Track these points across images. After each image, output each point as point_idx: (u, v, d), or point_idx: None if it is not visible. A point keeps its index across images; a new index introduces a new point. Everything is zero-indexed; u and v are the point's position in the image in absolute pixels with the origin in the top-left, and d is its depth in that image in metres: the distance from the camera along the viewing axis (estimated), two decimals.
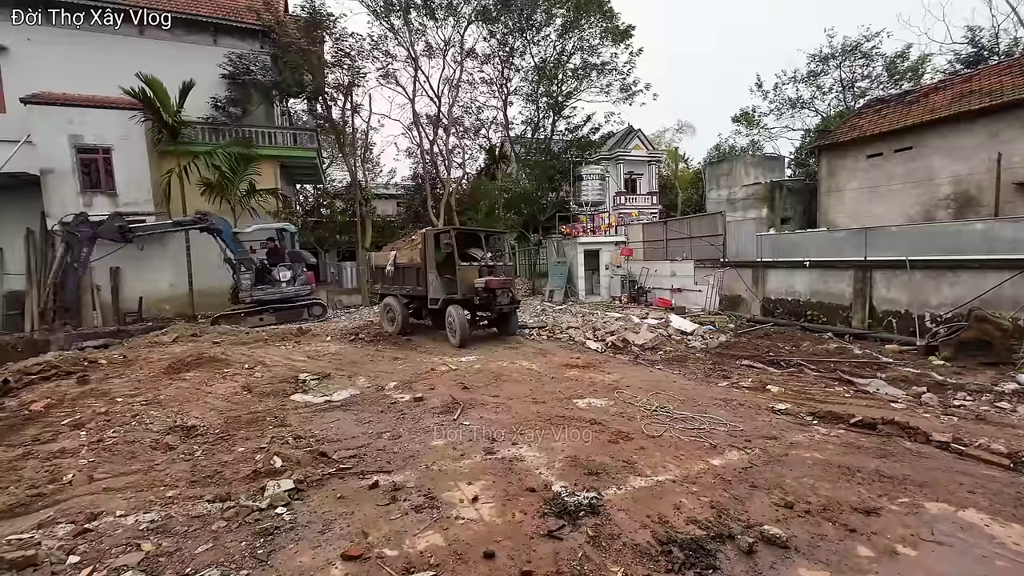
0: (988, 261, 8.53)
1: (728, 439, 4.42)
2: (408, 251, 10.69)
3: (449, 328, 9.58)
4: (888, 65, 22.21)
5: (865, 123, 15.37)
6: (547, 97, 23.42)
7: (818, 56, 23.56)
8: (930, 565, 2.60)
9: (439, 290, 9.78)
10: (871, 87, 22.49)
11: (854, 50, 22.47)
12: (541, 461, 4.00)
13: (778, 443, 4.31)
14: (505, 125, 25.34)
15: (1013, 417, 4.95)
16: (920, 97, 14.81)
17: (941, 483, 3.49)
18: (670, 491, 3.46)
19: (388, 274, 11.07)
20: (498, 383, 6.64)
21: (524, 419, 5.06)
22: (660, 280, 16.61)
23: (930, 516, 3.08)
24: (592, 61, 23.10)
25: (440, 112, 22.45)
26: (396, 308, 10.74)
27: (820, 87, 24.47)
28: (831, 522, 3.01)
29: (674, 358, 8.40)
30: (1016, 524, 2.95)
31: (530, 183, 22.44)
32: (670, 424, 4.81)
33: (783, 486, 3.49)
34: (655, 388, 6.22)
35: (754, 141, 29.78)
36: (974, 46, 19.82)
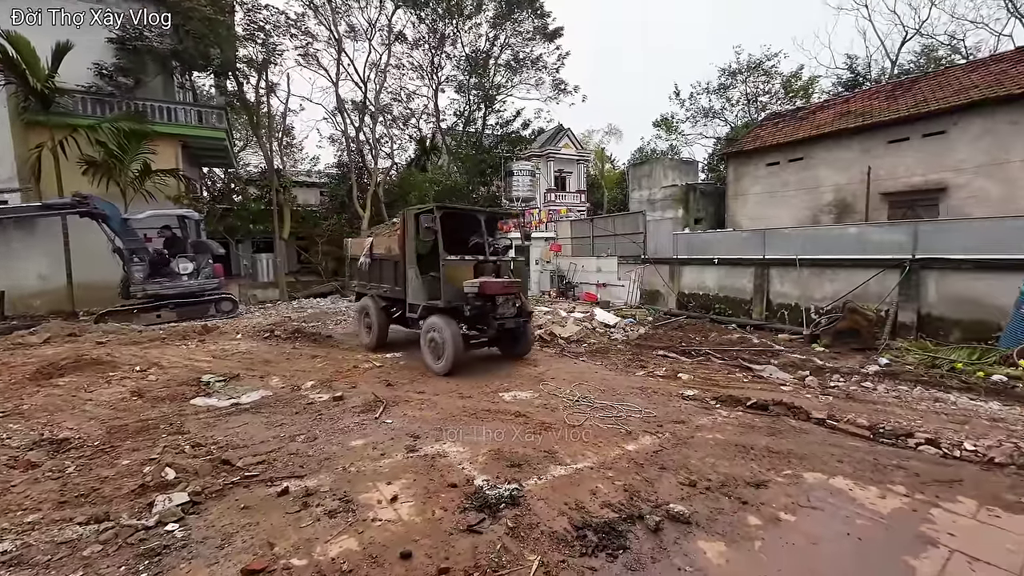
0: (859, 260, 9.81)
1: (642, 425, 4.69)
2: (386, 238, 8.13)
3: (430, 348, 6.74)
4: (784, 83, 24.77)
5: (765, 134, 17.00)
6: (478, 89, 23.29)
7: (727, 71, 25.68)
8: (806, 528, 2.94)
9: (418, 293, 7.03)
10: (771, 102, 24.96)
11: (757, 67, 24.78)
12: (464, 456, 3.98)
13: (686, 427, 4.65)
14: (436, 115, 24.86)
15: (874, 395, 5.75)
16: (809, 114, 16.66)
17: (817, 455, 3.96)
18: (588, 477, 3.60)
19: (363, 267, 8.60)
20: (424, 379, 6.52)
21: (449, 415, 5.01)
22: (587, 275, 17.22)
23: (808, 485, 3.48)
24: (523, 56, 23.34)
25: (367, 98, 21.49)
26: (373, 313, 8.24)
27: (729, 99, 26.71)
28: (727, 496, 3.30)
29: (597, 350, 8.76)
30: (873, 487, 3.43)
31: (462, 177, 22.23)
32: (591, 413, 5.01)
33: (688, 466, 3.77)
34: (579, 379, 6.44)
35: (673, 146, 31.85)
36: (852, 72, 22.71)
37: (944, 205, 12.11)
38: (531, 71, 23.67)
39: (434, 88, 24.26)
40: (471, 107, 24.60)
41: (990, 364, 6.65)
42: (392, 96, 24.46)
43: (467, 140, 24.81)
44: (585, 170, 36.19)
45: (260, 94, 18.30)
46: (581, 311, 12.70)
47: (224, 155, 19.28)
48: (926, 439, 4.25)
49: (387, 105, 23.94)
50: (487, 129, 24.98)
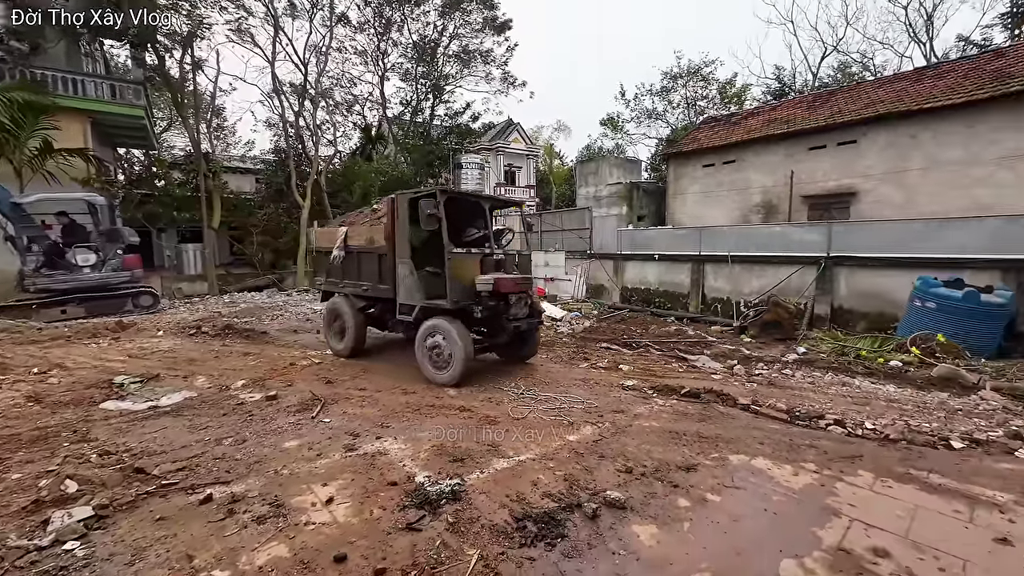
0: (783, 257, 10.62)
1: (584, 416, 4.81)
2: (366, 228, 6.82)
3: (431, 355, 5.82)
4: (720, 89, 26.23)
5: (702, 137, 17.92)
6: (426, 79, 22.79)
7: (669, 74, 26.79)
8: (729, 507, 3.14)
9: (414, 292, 6.00)
10: (708, 106, 26.34)
11: (696, 73, 26.05)
12: (406, 453, 3.90)
13: (624, 416, 4.82)
14: (382, 103, 24.07)
15: (792, 381, 6.26)
16: (741, 119, 17.74)
17: (742, 438, 4.25)
18: (530, 469, 3.64)
19: (336, 262, 7.12)
20: (367, 375, 6.32)
21: (392, 411, 4.89)
22: (536, 270, 17.39)
23: (732, 466, 3.72)
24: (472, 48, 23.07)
25: (307, 81, 20.38)
26: (347, 315, 7.00)
27: (670, 102, 27.92)
28: (660, 481, 3.46)
29: (544, 343, 8.88)
30: (788, 465, 3.72)
31: (409, 168, 21.70)
32: (535, 406, 5.07)
33: (626, 454, 3.92)
34: (524, 372, 6.50)
35: (618, 145, 32.87)
36: (779, 82, 24.43)
37: (855, 208, 13.36)
38: (480, 64, 23.46)
39: (380, 75, 23.46)
40: (419, 96, 24.04)
41: (889, 351, 7.43)
42: (334, 81, 23.40)
43: (415, 130, 24.23)
44: (535, 165, 36.50)
45: (185, 70, 16.83)
46: None
47: (143, 135, 17.60)
48: (834, 420, 4.69)
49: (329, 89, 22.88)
50: (436, 120, 24.51)
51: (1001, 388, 5.68)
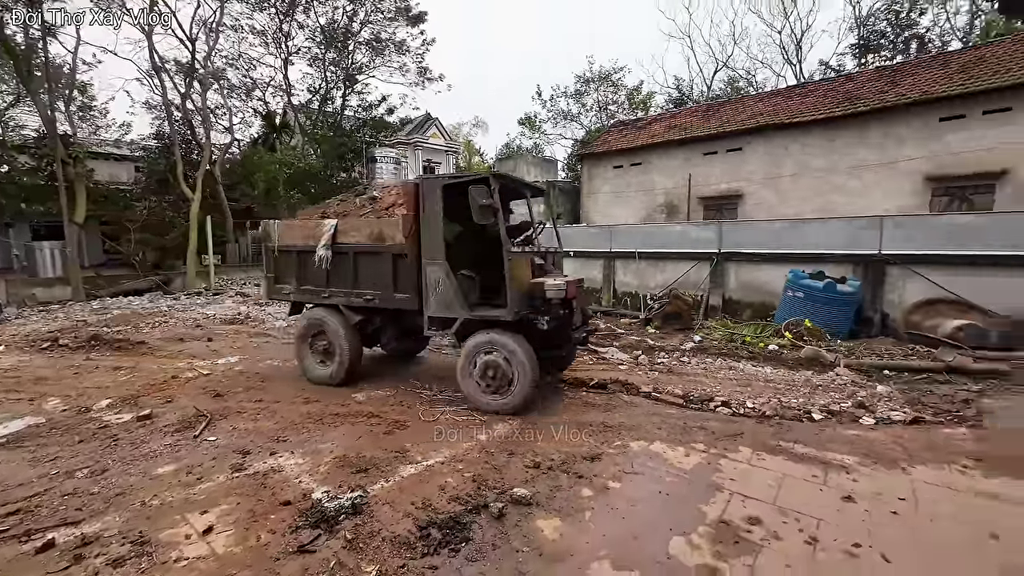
0: (683, 254, 11.51)
1: (498, 415, 4.81)
2: (370, 221, 5.32)
3: (487, 378, 4.81)
4: (628, 95, 27.82)
5: (612, 140, 18.89)
6: (336, 66, 21.53)
7: (582, 78, 27.89)
8: (628, 492, 3.31)
9: (455, 302, 4.91)
10: (618, 110, 27.82)
11: (606, 78, 27.38)
12: (304, 468, 3.62)
13: (535, 411, 4.90)
14: (286, 89, 22.31)
15: (688, 368, 6.80)
16: (647, 124, 18.96)
17: (642, 425, 4.51)
18: (438, 473, 3.55)
19: (321, 263, 5.52)
20: (264, 385, 5.79)
21: (290, 423, 4.52)
22: None
23: (633, 453, 3.93)
24: (386, 37, 22.19)
25: (195, 59, 18.25)
26: (338, 332, 5.58)
27: (584, 104, 29.08)
28: (566, 473, 3.56)
29: None
30: (680, 447, 4.02)
31: (318, 160, 20.36)
32: (448, 407, 4.98)
33: (535, 449, 3.97)
34: (438, 374, 6.37)
35: (536, 144, 33.57)
36: (679, 91, 26.48)
37: (741, 209, 14.87)
38: (395, 54, 22.65)
39: (283, 58, 21.70)
40: (328, 84, 22.63)
41: (768, 337, 8.37)
42: (229, 61, 21.23)
43: (325, 121, 22.79)
44: (454, 161, 36.10)
45: (32, 35, 14.23)
46: None
47: None
48: (721, 402, 5.16)
49: (222, 70, 20.71)
50: (348, 111, 23.25)
51: (851, 365, 6.64)
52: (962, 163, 11.15)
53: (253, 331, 9.39)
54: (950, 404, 5.13)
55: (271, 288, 6.19)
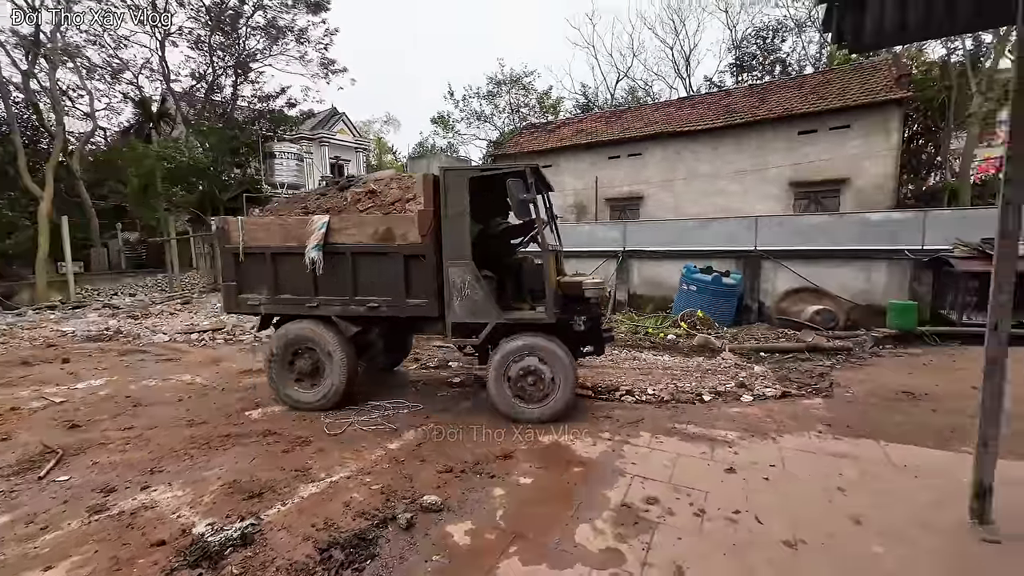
0: (593, 252, 12.09)
1: (409, 420, 4.67)
2: (374, 217, 4.70)
3: (523, 386, 4.52)
4: (539, 99, 28.66)
5: (524, 141, 19.32)
6: (226, 51, 19.54)
7: (494, 80, 28.19)
8: (539, 485, 3.38)
9: (485, 306, 4.53)
10: (529, 113, 28.53)
11: (517, 81, 27.96)
12: (184, 500, 3.21)
13: (449, 414, 4.84)
14: (164, 74, 19.79)
15: (597, 360, 7.14)
16: (556, 128, 19.67)
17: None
18: (343, 489, 3.35)
19: (314, 267, 4.73)
20: (136, 410, 5.06)
21: (169, 450, 4.00)
22: None
23: (543, 446, 4.03)
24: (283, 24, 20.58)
25: (40, 31, 15.47)
26: (328, 347, 4.85)
27: (497, 106, 29.42)
28: (478, 474, 3.54)
29: None
30: (588, 437, 4.19)
31: (206, 154, 18.33)
32: (356, 417, 4.73)
33: (447, 453, 3.91)
34: None
35: (451, 143, 33.31)
36: (585, 97, 27.83)
37: (643, 210, 16.01)
38: (294, 43, 21.08)
39: (160, 38, 19.19)
40: (216, 71, 20.44)
41: (667, 327, 9.10)
42: (90, 37, 18.31)
43: (213, 111, 20.58)
44: (365, 159, 34.59)
45: None
46: None
47: None
48: (626, 390, 5.49)
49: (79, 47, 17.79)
50: (241, 101, 21.21)
51: (735, 349, 7.44)
52: (816, 171, 13.02)
53: (125, 348, 8.20)
54: (809, 379, 5.95)
55: (231, 299, 5.08)
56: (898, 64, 13.52)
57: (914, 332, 7.83)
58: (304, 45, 21.13)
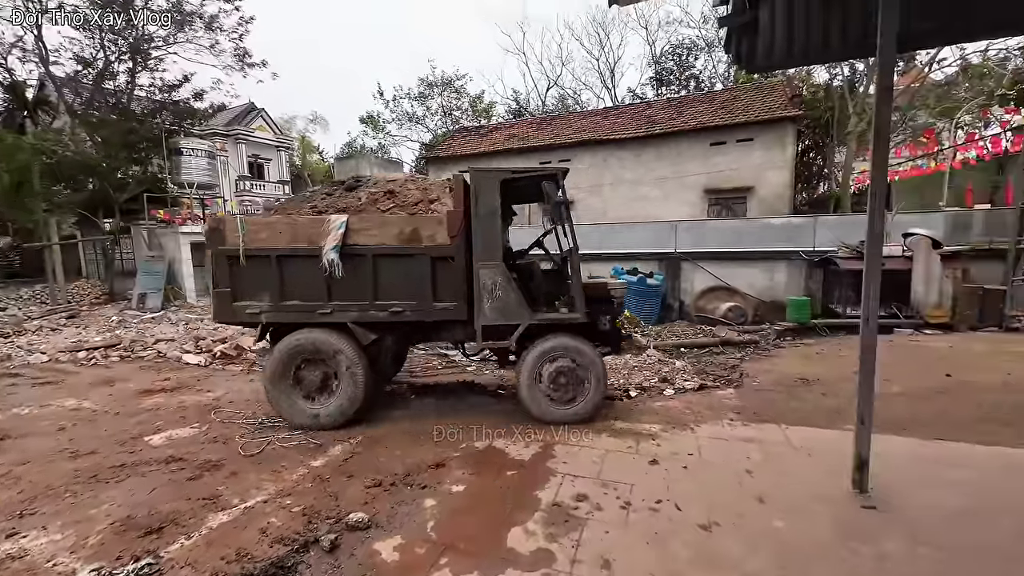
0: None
1: (336, 434, 4.43)
2: (397, 217, 4.53)
3: (556, 386, 4.52)
4: (471, 103, 28.68)
5: (456, 145, 19.24)
6: (119, 34, 17.52)
7: (425, 81, 27.80)
8: (471, 492, 3.35)
9: (517, 307, 4.47)
10: (462, 116, 28.46)
11: (449, 84, 27.79)
12: (64, 544, 2.80)
13: (381, 423, 4.67)
14: (42, 57, 17.33)
15: None
16: (488, 132, 19.80)
17: (486, 424, 4.62)
18: (259, 514, 3.10)
19: (331, 270, 4.37)
20: (7, 443, 4.36)
21: (45, 488, 3.47)
22: None
23: (477, 452, 4.01)
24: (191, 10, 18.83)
25: None
26: (342, 357, 4.51)
27: (429, 108, 29.02)
28: (409, 486, 3.44)
29: None
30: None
31: (98, 149, 16.29)
32: (275, 435, 4.41)
33: (376, 466, 3.76)
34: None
35: (381, 144, 32.33)
36: (517, 103, 28.28)
37: (574, 214, 16.53)
38: (203, 30, 19.37)
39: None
40: (108, 55, 18.23)
41: None
42: None
43: (104, 100, 18.32)
44: (288, 158, 32.63)
45: None
46: None
47: None
48: None
49: None
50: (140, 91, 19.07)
51: (659, 346, 7.89)
52: (726, 179, 14.20)
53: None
54: (723, 371, 6.45)
55: (225, 308, 4.55)
56: (791, 86, 15.15)
57: (808, 325, 8.78)
58: (215, 33, 19.48)
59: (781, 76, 16.15)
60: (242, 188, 27.89)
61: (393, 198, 4.84)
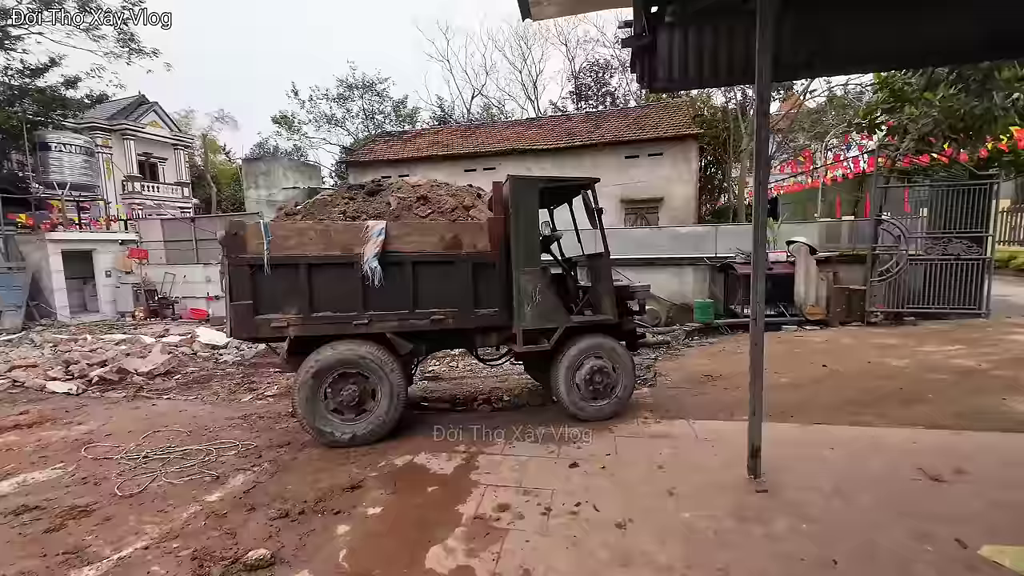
0: None
1: (236, 462, 4.03)
2: (436, 224, 4.54)
3: (593, 384, 4.70)
4: (395, 107, 28.02)
5: (378, 149, 18.65)
6: None
7: (345, 83, 26.70)
8: (388, 513, 3.19)
9: (555, 311, 4.63)
10: (385, 121, 27.69)
11: (371, 87, 26.93)
12: None
13: (290, 449, 4.32)
14: None
15: (455, 372, 7.16)
16: (413, 138, 19.44)
17: (413, 438, 4.46)
18: (137, 564, 2.71)
19: (371, 277, 4.17)
20: None
21: None
22: (192, 287, 14.20)
23: (397, 470, 3.83)
24: None
25: None
26: (383, 370, 4.32)
27: (349, 111, 27.87)
28: (320, 513, 3.20)
29: (195, 380, 7.16)
30: (444, 453, 4.12)
31: None
32: (162, 470, 3.90)
33: (284, 494, 3.46)
34: (154, 427, 4.97)
35: (298, 147, 30.45)
36: (442, 110, 28.10)
37: None
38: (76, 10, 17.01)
39: None
40: None
41: None
42: None
43: None
44: (187, 159, 29.61)
45: None
46: (179, 333, 10.21)
47: None
48: (483, 399, 5.58)
49: None
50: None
51: None
52: (640, 191, 15.16)
53: None
54: (639, 371, 6.80)
55: (246, 322, 4.12)
56: (694, 107, 16.60)
57: (713, 325, 9.58)
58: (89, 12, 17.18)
59: (686, 97, 17.64)
60: (131, 190, 24.84)
61: (428, 204, 4.81)
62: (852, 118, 16.40)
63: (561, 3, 3.73)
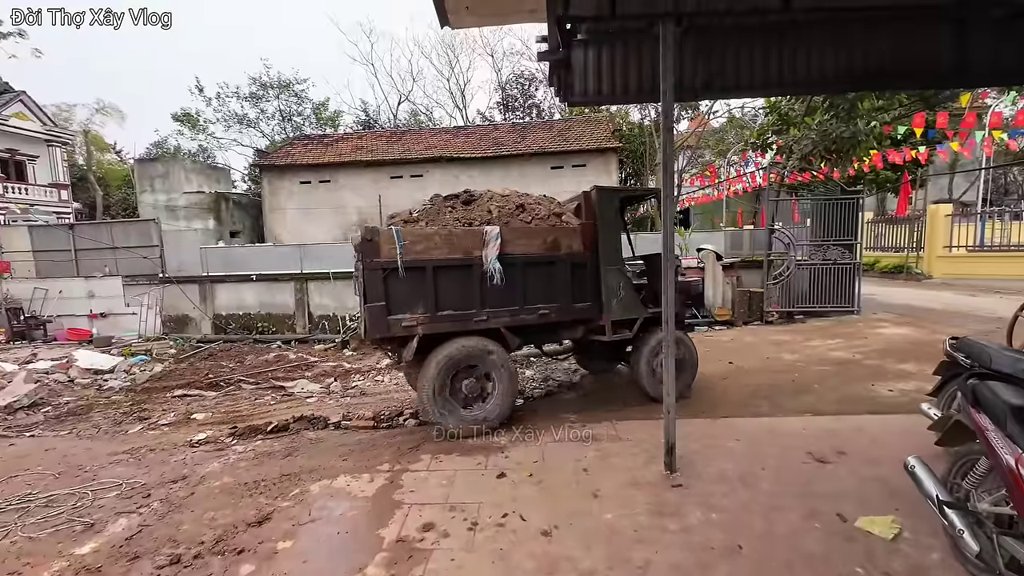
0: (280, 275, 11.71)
1: (117, 505, 3.52)
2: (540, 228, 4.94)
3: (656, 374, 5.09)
4: (315, 109, 26.68)
5: (297, 153, 17.61)
6: None
7: (258, 81, 24.96)
8: (301, 548, 2.94)
9: (635, 304, 5.23)
10: (304, 123, 26.25)
11: (288, 87, 25.43)
12: None
13: (185, 483, 3.85)
14: None
15: (381, 386, 6.88)
16: (335, 142, 18.59)
17: (327, 462, 4.18)
18: None
19: (494, 275, 4.50)
20: None
21: None
22: (71, 304, 12.42)
23: (312, 497, 3.56)
24: None
25: None
26: (495, 361, 4.68)
27: (264, 111, 26.08)
28: (220, 554, 2.87)
29: (71, 412, 6.20)
30: (365, 474, 3.91)
31: None
32: (17, 523, 3.30)
33: (177, 537, 3.07)
34: (9, 471, 4.21)
35: (203, 147, 27.89)
36: (366, 115, 27.22)
37: None
38: None
39: None
40: None
41: None
42: None
43: None
44: (65, 157, 25.96)
45: None
46: (52, 358, 8.84)
47: None
48: (411, 414, 5.38)
49: None
50: None
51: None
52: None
53: None
54: (567, 375, 6.97)
55: (380, 323, 4.36)
56: (613, 121, 17.53)
57: None
58: None
59: (605, 112, 18.59)
60: None
61: (526, 212, 5.24)
62: (748, 137, 18.23)
63: (479, 14, 3.75)
